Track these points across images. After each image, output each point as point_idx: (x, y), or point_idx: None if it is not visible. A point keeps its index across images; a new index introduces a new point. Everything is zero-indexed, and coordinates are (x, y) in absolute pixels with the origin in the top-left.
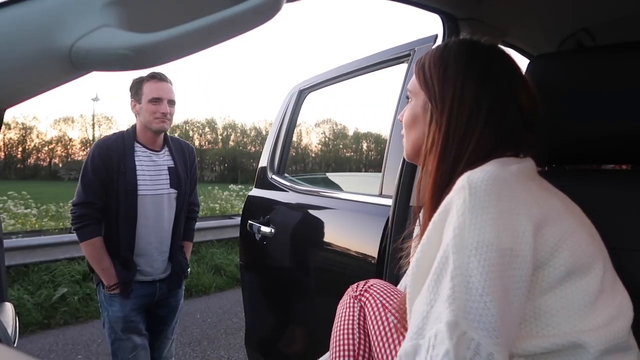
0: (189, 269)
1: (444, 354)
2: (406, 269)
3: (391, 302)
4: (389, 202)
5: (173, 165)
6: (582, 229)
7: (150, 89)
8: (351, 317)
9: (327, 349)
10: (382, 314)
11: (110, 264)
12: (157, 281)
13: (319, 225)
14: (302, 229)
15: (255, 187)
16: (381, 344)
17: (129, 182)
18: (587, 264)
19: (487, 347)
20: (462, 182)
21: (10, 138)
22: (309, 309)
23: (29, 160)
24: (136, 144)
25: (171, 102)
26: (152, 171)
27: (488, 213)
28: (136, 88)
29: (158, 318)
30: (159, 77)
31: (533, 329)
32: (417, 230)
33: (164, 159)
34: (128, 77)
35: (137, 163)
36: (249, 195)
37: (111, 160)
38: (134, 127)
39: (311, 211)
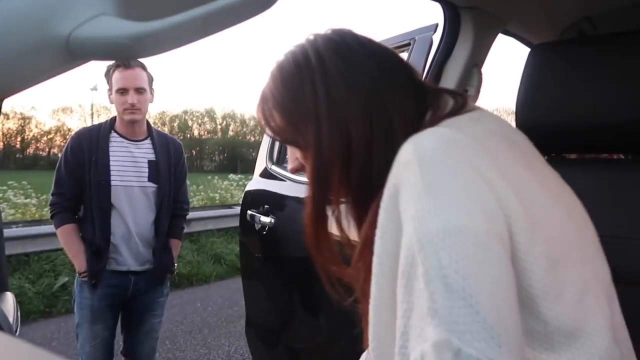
0: (174, 267)
1: None
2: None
3: None
4: None
5: (154, 159)
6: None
7: (117, 79)
8: None
9: (326, 337)
10: None
11: (80, 252)
12: (131, 273)
13: None
14: (301, 218)
15: (254, 176)
16: None
17: (100, 173)
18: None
19: None
20: (408, 153)
21: (9, 128)
22: (308, 298)
23: (28, 150)
24: (114, 134)
25: (139, 90)
26: (127, 162)
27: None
28: (108, 77)
29: (133, 314)
30: (124, 65)
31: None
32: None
33: (145, 151)
34: None
35: (111, 154)
36: (248, 185)
37: (83, 151)
38: (114, 117)
39: None
